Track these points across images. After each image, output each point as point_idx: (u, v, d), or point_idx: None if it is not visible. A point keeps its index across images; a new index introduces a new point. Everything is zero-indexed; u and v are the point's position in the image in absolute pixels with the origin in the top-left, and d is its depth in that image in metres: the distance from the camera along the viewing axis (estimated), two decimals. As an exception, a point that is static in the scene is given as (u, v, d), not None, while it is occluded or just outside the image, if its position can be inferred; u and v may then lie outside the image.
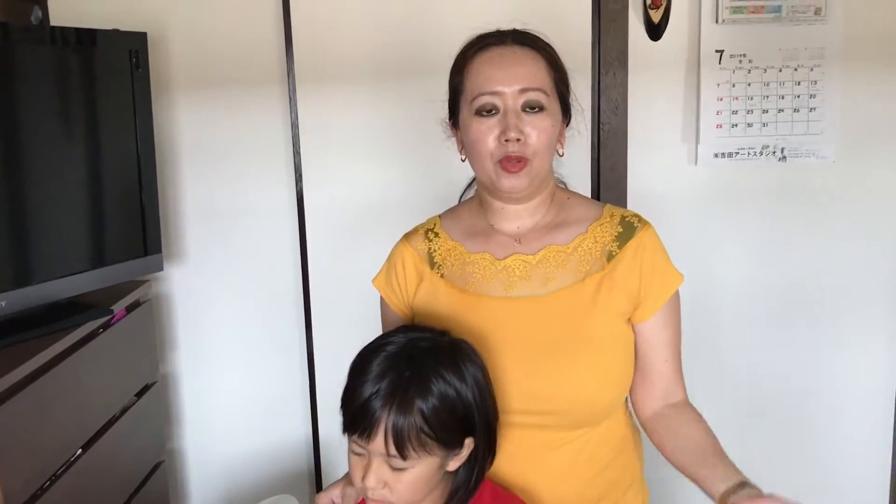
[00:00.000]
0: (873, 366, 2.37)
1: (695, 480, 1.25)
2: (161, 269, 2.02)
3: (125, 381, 1.97)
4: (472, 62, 1.30)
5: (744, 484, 1.16)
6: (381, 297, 1.43)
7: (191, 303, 2.32)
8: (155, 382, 2.12)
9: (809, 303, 2.33)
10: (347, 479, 1.29)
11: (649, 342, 1.33)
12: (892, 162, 2.27)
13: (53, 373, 1.61)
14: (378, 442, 1.12)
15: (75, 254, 1.81)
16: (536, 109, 1.27)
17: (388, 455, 1.12)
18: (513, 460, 1.28)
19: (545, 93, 1.27)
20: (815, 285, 2.32)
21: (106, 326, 1.86)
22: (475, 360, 1.20)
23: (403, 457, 1.12)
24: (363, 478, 1.14)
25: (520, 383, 1.25)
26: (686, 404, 1.36)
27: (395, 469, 1.13)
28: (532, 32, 1.33)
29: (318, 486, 2.38)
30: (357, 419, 1.13)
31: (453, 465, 1.19)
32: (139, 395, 2.02)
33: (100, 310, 1.82)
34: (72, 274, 1.78)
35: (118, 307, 1.90)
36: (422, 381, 1.13)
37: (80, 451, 1.71)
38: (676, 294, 1.34)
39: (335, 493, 1.28)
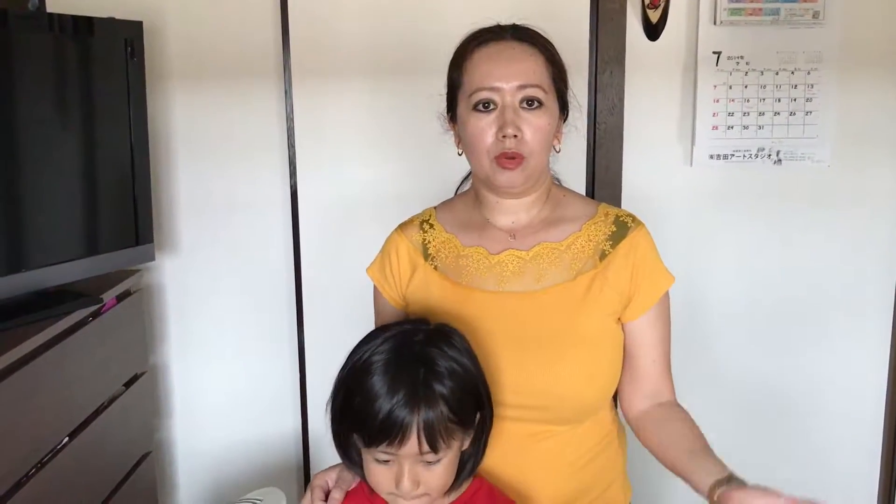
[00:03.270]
0: (866, 367, 2.37)
1: (681, 475, 1.25)
2: (153, 258, 2.01)
3: (114, 371, 1.96)
4: (471, 57, 1.30)
5: (731, 478, 1.15)
6: (375, 287, 1.43)
7: (182, 294, 2.32)
8: (144, 373, 2.11)
9: (803, 305, 2.33)
10: (343, 465, 1.29)
11: (637, 342, 1.33)
12: (886, 166, 2.27)
13: (41, 360, 1.61)
14: (410, 445, 1.12)
15: (66, 242, 1.80)
16: (534, 106, 1.27)
17: (421, 453, 1.12)
18: (498, 451, 1.28)
19: (543, 89, 1.27)
20: (809, 288, 2.32)
21: (95, 315, 1.85)
22: (458, 333, 1.22)
23: (436, 451, 1.13)
24: (397, 484, 1.13)
25: (508, 377, 1.25)
26: (674, 403, 1.36)
27: (427, 464, 1.14)
28: (531, 28, 1.33)
29: (307, 480, 2.37)
30: (385, 430, 1.11)
31: (468, 443, 1.20)
32: (128, 384, 2.02)
33: (89, 298, 1.81)
34: (62, 262, 1.77)
35: (108, 296, 1.89)
36: (434, 371, 1.14)
37: (66, 438, 1.70)
38: (667, 295, 1.35)
39: (331, 475, 1.27)
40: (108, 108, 1.89)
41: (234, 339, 2.33)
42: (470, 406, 1.18)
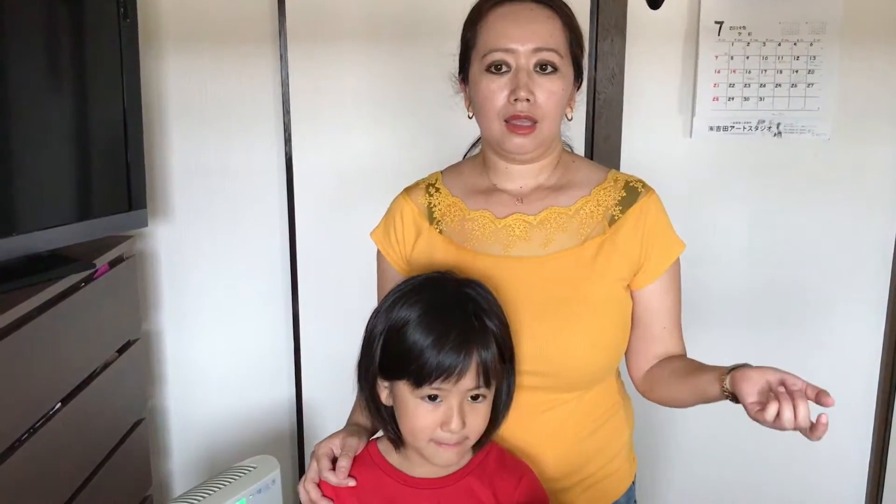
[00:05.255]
0: (861, 342, 2.37)
1: (691, 397, 1.26)
2: (145, 224, 1.99)
3: (106, 337, 1.95)
4: (487, 17, 1.27)
5: (735, 367, 1.17)
6: (378, 251, 1.42)
7: (176, 260, 2.30)
8: (137, 339, 2.10)
9: (798, 278, 2.33)
10: (347, 430, 1.28)
11: (649, 309, 1.33)
12: (887, 141, 2.25)
13: (33, 325, 1.59)
14: (468, 380, 1.12)
15: (58, 206, 1.78)
16: (549, 70, 1.24)
17: (476, 388, 1.13)
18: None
19: (559, 54, 1.25)
20: (805, 261, 2.32)
21: (88, 281, 1.83)
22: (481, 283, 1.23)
23: (489, 385, 1.14)
24: (443, 424, 1.13)
25: (515, 344, 1.24)
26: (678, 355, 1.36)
27: (473, 403, 1.14)
28: None
29: (300, 448, 2.37)
30: (442, 368, 1.11)
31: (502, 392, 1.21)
32: (121, 351, 2.00)
33: (82, 263, 1.79)
34: (54, 226, 1.75)
35: (101, 262, 1.87)
36: (481, 306, 1.16)
37: (58, 404, 1.69)
38: (677, 262, 1.34)
39: (335, 443, 1.25)
40: (100, 70, 1.86)
41: (228, 306, 2.32)
42: (509, 345, 1.19)
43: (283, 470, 2.08)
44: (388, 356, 1.17)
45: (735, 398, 1.14)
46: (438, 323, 1.13)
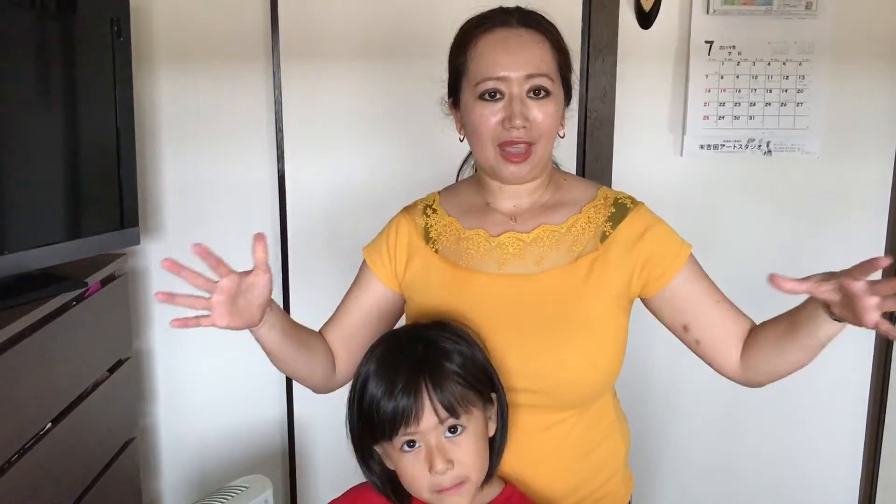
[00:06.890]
0: (850, 356, 2.38)
1: (806, 345, 1.29)
2: (138, 242, 1.99)
3: (98, 356, 1.94)
4: (477, 43, 1.28)
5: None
6: (364, 263, 1.41)
7: (168, 278, 2.25)
8: (128, 358, 2.09)
9: (790, 296, 2.33)
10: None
11: (690, 298, 1.31)
12: (876, 159, 2.27)
13: (25, 344, 1.58)
14: (428, 416, 1.11)
15: (50, 224, 1.77)
16: (541, 95, 1.25)
17: (441, 422, 1.12)
18: None
19: (550, 78, 1.26)
20: (796, 277, 2.32)
21: (80, 299, 1.82)
22: (464, 327, 1.23)
23: (456, 414, 1.12)
24: (431, 468, 1.12)
25: (509, 361, 1.25)
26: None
27: (452, 436, 1.13)
28: (536, 12, 1.31)
29: (292, 468, 2.36)
30: (398, 412, 1.12)
31: (491, 427, 1.20)
32: (112, 370, 2.00)
33: (74, 282, 1.79)
34: (46, 244, 1.74)
35: (93, 280, 1.87)
36: (437, 347, 1.16)
37: (49, 424, 1.68)
38: (692, 258, 1.34)
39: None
40: (93, 88, 1.86)
41: (220, 324, 2.31)
42: (480, 374, 1.18)
43: (276, 489, 2.07)
44: (360, 419, 1.18)
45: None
46: (387, 372, 1.15)
